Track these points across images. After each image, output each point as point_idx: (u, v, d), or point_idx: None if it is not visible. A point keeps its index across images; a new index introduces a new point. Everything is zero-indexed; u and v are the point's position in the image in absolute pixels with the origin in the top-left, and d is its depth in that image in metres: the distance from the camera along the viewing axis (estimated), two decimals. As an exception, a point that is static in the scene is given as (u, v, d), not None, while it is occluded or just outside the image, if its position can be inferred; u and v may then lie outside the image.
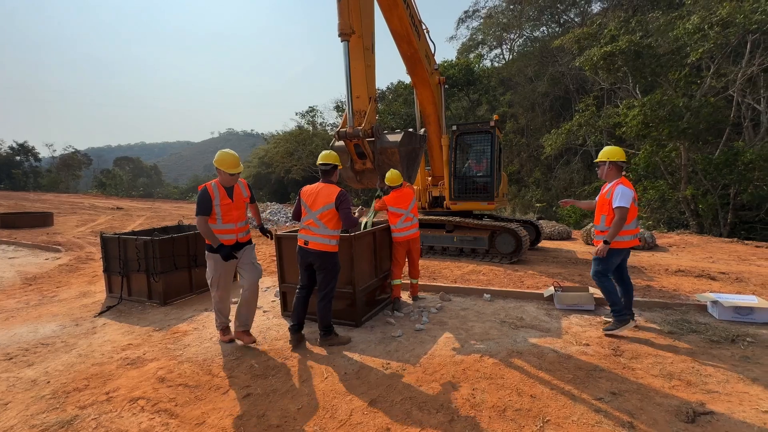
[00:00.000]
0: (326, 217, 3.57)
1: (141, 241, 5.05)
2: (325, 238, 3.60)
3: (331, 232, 3.60)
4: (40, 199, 25.91)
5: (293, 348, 3.68)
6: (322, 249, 3.60)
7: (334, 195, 3.56)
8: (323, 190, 3.63)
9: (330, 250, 3.63)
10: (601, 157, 3.95)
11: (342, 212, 3.56)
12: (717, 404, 2.61)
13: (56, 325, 4.45)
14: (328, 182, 3.70)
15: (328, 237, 3.60)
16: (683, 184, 13.62)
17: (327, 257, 3.63)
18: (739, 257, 7.79)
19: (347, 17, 4.68)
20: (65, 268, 7.33)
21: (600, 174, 4.01)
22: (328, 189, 3.63)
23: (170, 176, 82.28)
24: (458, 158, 8.22)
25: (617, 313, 3.79)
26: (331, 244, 3.62)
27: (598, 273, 3.86)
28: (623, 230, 3.72)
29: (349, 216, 3.57)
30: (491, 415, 2.56)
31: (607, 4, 24.33)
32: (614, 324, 3.80)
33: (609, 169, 3.89)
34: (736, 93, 13.40)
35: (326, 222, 3.57)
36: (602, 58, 13.95)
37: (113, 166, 51.98)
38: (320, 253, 3.61)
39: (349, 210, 3.59)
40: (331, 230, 3.59)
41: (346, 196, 3.59)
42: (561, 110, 23.98)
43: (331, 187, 3.65)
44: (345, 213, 3.56)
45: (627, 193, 3.68)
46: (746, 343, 3.50)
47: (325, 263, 3.64)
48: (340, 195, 3.57)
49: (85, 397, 2.93)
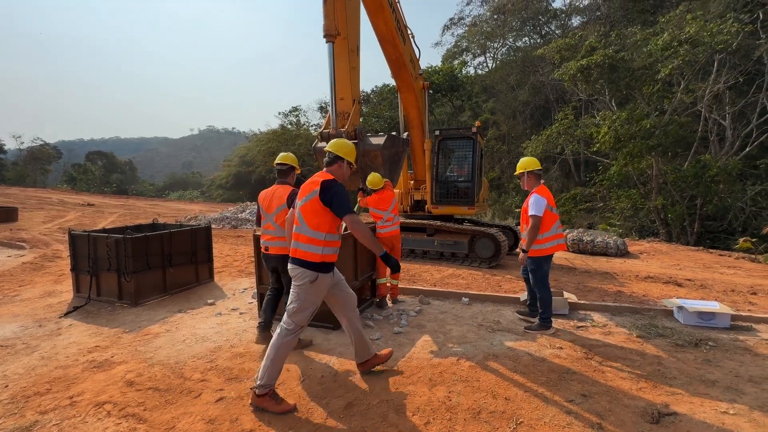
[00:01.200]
0: (281, 219, 3.46)
1: (112, 239, 4.87)
2: (284, 241, 3.43)
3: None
4: (4, 193, 24.61)
5: (258, 341, 3.68)
6: (283, 253, 3.40)
7: (285, 195, 3.50)
8: (277, 191, 3.57)
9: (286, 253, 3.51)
10: (519, 169, 4.18)
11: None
12: (680, 405, 2.73)
13: (17, 326, 4.22)
14: (283, 183, 3.63)
15: (284, 239, 3.43)
16: (654, 194, 14.20)
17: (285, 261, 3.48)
18: (704, 265, 8.17)
19: (333, 19, 4.68)
20: (29, 266, 6.98)
21: (522, 185, 4.24)
22: (282, 190, 3.56)
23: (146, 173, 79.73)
24: (440, 163, 8.32)
25: (544, 320, 4.03)
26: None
27: (540, 284, 4.04)
28: (545, 237, 3.95)
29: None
30: (466, 417, 2.59)
31: (586, 18, 25.21)
32: (537, 326, 4.06)
33: (528, 179, 4.11)
34: (704, 109, 14.11)
35: (282, 224, 3.45)
36: (579, 70, 14.45)
37: (85, 160, 49.85)
38: (281, 257, 3.46)
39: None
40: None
41: (296, 193, 3.40)
42: (541, 119, 24.62)
43: (285, 187, 3.58)
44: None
45: (540, 202, 3.89)
46: (708, 347, 3.67)
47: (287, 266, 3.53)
48: (291, 194, 3.48)
49: (46, 402, 2.79)
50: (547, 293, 4.03)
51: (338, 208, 2.67)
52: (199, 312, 4.71)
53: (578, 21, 26.20)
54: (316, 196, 2.68)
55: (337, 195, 2.65)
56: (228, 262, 7.55)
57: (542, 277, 4.02)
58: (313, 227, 2.71)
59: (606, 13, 23.26)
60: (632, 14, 21.16)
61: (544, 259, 4.02)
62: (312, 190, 2.71)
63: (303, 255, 2.72)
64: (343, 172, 2.88)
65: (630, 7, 21.60)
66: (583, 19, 25.68)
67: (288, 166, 3.66)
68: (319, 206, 2.68)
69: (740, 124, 14.43)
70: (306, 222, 2.73)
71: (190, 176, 60.12)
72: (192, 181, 54.24)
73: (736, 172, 12.75)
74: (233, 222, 13.65)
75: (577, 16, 26.47)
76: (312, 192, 2.71)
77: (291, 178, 3.69)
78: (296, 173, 3.80)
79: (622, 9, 22.06)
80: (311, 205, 2.71)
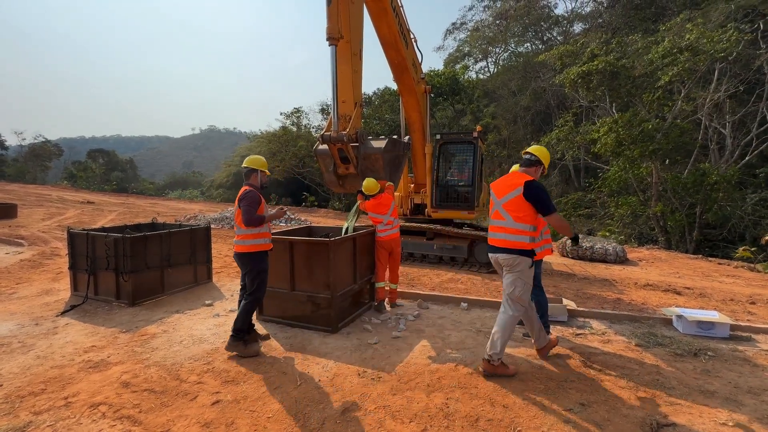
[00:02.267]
0: (238, 218, 3.60)
1: (111, 239, 4.86)
2: (239, 239, 3.61)
3: (243, 231, 3.59)
4: (4, 189, 24.57)
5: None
6: (238, 250, 3.60)
7: (239, 194, 3.61)
8: (240, 193, 3.67)
9: (245, 251, 3.59)
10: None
11: (242, 208, 3.53)
12: (679, 416, 2.71)
13: (13, 324, 4.20)
14: (246, 184, 3.72)
15: (242, 237, 3.60)
16: (654, 201, 14.20)
17: (244, 259, 3.60)
18: (703, 273, 8.16)
19: (336, 22, 4.68)
20: (27, 263, 6.96)
21: None
22: (241, 190, 3.66)
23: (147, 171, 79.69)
24: (441, 167, 8.32)
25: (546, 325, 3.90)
26: (246, 245, 3.58)
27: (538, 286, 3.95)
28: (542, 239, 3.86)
29: (247, 211, 3.50)
30: (464, 425, 2.57)
31: (588, 25, 25.30)
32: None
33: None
34: (704, 117, 14.14)
35: (238, 222, 3.60)
36: (580, 76, 14.48)
37: (86, 158, 49.82)
38: (238, 255, 3.62)
39: (249, 206, 3.51)
40: (244, 230, 3.58)
41: (248, 193, 3.57)
42: (542, 124, 24.67)
43: (244, 187, 3.67)
44: (244, 208, 3.51)
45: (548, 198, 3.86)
46: (707, 357, 3.65)
47: (245, 264, 3.62)
48: (243, 193, 3.58)
49: (41, 402, 2.77)
50: (541, 298, 3.92)
51: (542, 205, 3.10)
52: (196, 313, 4.69)
53: (580, 28, 26.31)
54: (520, 193, 3.11)
55: (541, 193, 3.11)
56: (227, 262, 7.53)
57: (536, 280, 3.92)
58: (518, 221, 3.12)
59: (608, 21, 23.36)
60: (634, 22, 21.25)
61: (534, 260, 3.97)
62: (516, 187, 3.13)
63: (515, 245, 3.13)
64: (537, 175, 3.36)
65: (632, 15, 21.69)
66: (584, 26, 25.77)
67: (248, 168, 3.73)
68: (522, 202, 3.11)
69: (740, 132, 14.45)
70: (511, 216, 3.14)
71: (191, 176, 60.09)
72: (192, 181, 54.22)
73: (735, 181, 12.77)
74: (233, 222, 13.64)
75: (579, 22, 26.58)
76: (516, 189, 3.13)
77: (253, 179, 3.73)
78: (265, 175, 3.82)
79: (623, 17, 22.15)
80: (515, 201, 3.13)
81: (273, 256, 4.25)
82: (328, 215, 19.84)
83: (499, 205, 3.27)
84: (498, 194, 3.31)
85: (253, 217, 3.51)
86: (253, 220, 3.51)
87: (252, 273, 3.61)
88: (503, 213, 3.22)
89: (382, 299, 4.89)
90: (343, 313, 4.30)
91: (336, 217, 18.74)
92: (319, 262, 4.04)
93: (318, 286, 4.08)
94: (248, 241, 3.59)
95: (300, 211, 20.94)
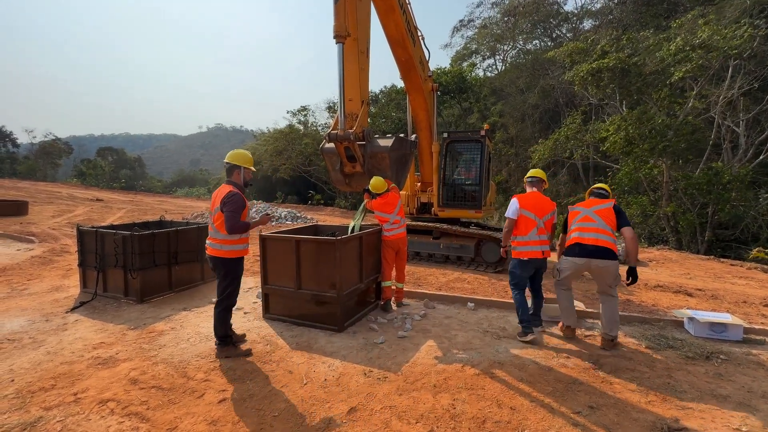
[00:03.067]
0: (217, 221, 3.36)
1: (120, 236, 4.90)
2: (216, 243, 3.38)
3: (222, 236, 3.36)
4: (16, 186, 25.00)
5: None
6: (213, 254, 3.39)
7: (222, 195, 3.33)
8: (220, 191, 3.43)
9: (221, 255, 3.37)
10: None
11: (225, 213, 3.25)
12: (691, 420, 2.66)
13: (25, 320, 4.26)
14: (228, 182, 3.48)
15: (219, 242, 3.37)
16: (664, 200, 13.99)
17: (219, 264, 3.39)
18: (715, 274, 8.02)
19: (343, 19, 4.66)
20: (38, 260, 7.06)
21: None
22: (223, 190, 3.40)
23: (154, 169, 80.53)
24: (448, 166, 8.26)
25: (523, 323, 3.94)
26: (223, 250, 3.37)
27: (512, 285, 4.11)
28: (521, 240, 4.00)
29: (231, 218, 3.24)
30: (471, 426, 2.55)
31: (598, 21, 24.96)
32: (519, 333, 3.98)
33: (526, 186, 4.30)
34: (717, 115, 13.88)
35: (218, 226, 3.36)
36: (590, 74, 14.28)
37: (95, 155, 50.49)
38: (212, 258, 3.41)
39: (234, 212, 3.25)
40: (222, 234, 3.35)
41: (233, 197, 3.30)
42: (550, 122, 24.42)
43: (226, 187, 3.40)
44: (228, 214, 3.24)
45: (511, 204, 4.04)
46: (720, 361, 3.58)
47: (219, 270, 3.41)
48: (227, 195, 3.29)
49: (51, 398, 2.80)
50: (519, 297, 3.99)
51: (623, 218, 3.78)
52: (203, 310, 4.71)
53: (590, 24, 25.95)
54: (611, 206, 3.80)
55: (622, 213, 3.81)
56: (233, 260, 7.56)
57: (512, 279, 4.07)
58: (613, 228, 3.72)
59: (618, 17, 23.01)
60: (645, 18, 20.90)
61: (519, 263, 4.01)
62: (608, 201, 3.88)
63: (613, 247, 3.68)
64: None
65: (643, 12, 21.34)
66: (594, 23, 25.42)
67: (230, 165, 3.49)
68: (612, 213, 3.77)
69: (754, 131, 14.15)
70: (608, 224, 3.73)
71: (198, 173, 60.57)
72: (199, 179, 54.65)
73: (749, 180, 12.52)
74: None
75: (588, 19, 26.20)
76: (609, 202, 3.85)
77: (235, 176, 3.50)
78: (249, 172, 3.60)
79: (634, 13, 21.80)
80: (608, 211, 3.77)
81: (279, 255, 4.26)
82: (334, 213, 19.87)
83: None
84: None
85: (237, 225, 3.26)
86: (237, 227, 3.26)
87: (227, 279, 3.42)
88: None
89: (388, 298, 4.87)
90: (349, 312, 4.29)
91: (342, 216, 18.76)
92: (326, 261, 4.04)
93: (324, 285, 4.07)
94: (227, 246, 3.38)
95: (306, 209, 21.00)
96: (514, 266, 4.07)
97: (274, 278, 4.34)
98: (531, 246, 3.99)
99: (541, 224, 4.00)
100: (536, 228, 3.99)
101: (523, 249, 4.00)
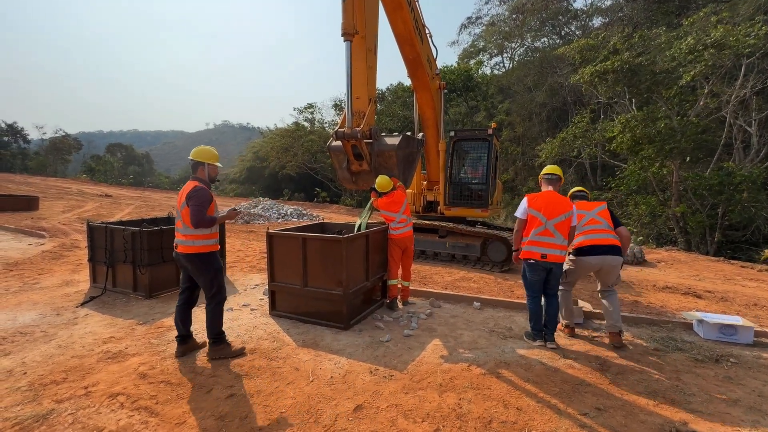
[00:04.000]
0: (185, 217, 3.32)
1: (129, 232, 4.95)
2: (187, 239, 3.33)
3: (190, 231, 3.32)
4: (27, 181, 25.36)
5: (176, 356, 3.43)
6: (186, 251, 3.33)
7: (187, 191, 3.33)
8: (185, 187, 3.40)
9: (194, 251, 3.33)
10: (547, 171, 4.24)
11: (191, 207, 3.23)
12: (699, 424, 2.63)
13: (36, 314, 4.33)
14: (193, 179, 3.44)
15: (190, 237, 3.32)
16: (674, 201, 13.82)
17: (194, 260, 3.33)
18: (725, 276, 7.91)
19: (351, 17, 4.65)
20: (49, 254, 7.16)
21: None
22: (188, 186, 3.38)
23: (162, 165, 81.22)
24: (455, 164, 8.23)
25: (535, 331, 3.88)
26: (195, 245, 3.32)
27: (525, 290, 4.01)
28: (525, 240, 3.91)
29: (197, 212, 3.21)
30: (477, 426, 2.55)
31: (608, 19, 24.64)
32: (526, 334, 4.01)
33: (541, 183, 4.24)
34: (729, 115, 13.66)
35: (187, 222, 3.32)
36: (596, 75, 14.08)
37: (105, 152, 51.07)
38: (186, 256, 3.34)
39: (199, 206, 3.22)
40: (190, 230, 3.31)
41: (198, 191, 3.27)
42: (558, 121, 24.21)
43: (192, 183, 3.39)
44: (193, 209, 3.22)
45: (521, 205, 4.00)
46: (729, 364, 3.54)
47: (195, 267, 3.35)
48: (192, 190, 3.28)
49: (62, 391, 2.85)
50: (532, 306, 3.88)
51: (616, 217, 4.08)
52: (211, 306, 4.74)
53: (600, 22, 25.64)
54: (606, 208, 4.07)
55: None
56: (240, 257, 7.62)
57: (525, 284, 3.97)
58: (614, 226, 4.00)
59: (629, 15, 22.69)
60: (656, 16, 20.59)
61: (525, 263, 3.89)
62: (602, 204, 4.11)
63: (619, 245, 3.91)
64: None
65: (654, 9, 21.02)
66: (604, 20, 25.11)
67: (194, 162, 3.45)
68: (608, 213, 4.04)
69: (767, 131, 13.92)
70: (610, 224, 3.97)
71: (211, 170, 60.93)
72: (206, 175, 55.03)
73: (761, 181, 12.31)
74: (245, 217, 13.79)
75: (598, 16, 25.89)
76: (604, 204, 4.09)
77: (199, 172, 3.46)
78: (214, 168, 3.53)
79: (645, 10, 21.48)
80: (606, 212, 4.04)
81: (286, 252, 4.28)
82: (339, 211, 19.91)
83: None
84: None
85: (203, 219, 3.23)
86: (203, 221, 3.23)
87: (208, 274, 3.36)
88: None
89: (394, 297, 4.89)
90: (355, 310, 4.30)
91: (347, 214, 18.79)
92: (332, 259, 4.05)
93: (330, 283, 4.09)
94: (198, 241, 3.32)
95: (312, 206, 21.06)
96: (522, 269, 3.99)
97: (280, 275, 4.37)
98: (531, 246, 3.81)
99: (548, 225, 3.74)
100: (542, 228, 3.77)
101: (526, 249, 3.86)
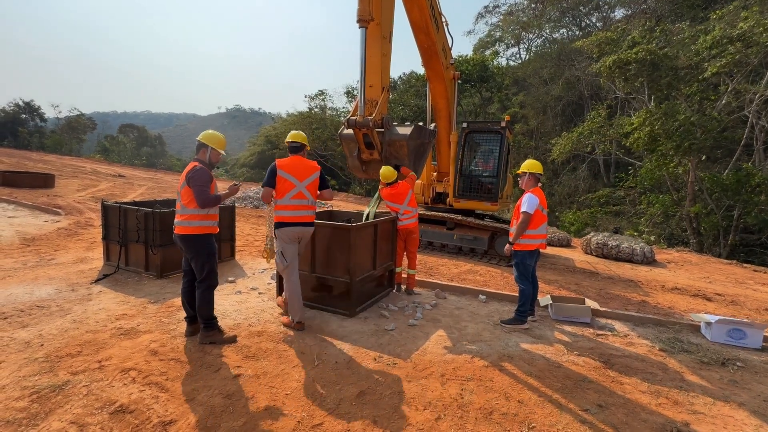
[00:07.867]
0: (185, 198, 3.31)
1: (142, 212, 5.04)
2: (185, 220, 3.31)
3: (190, 211, 3.31)
4: (43, 159, 25.83)
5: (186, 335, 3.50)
6: (183, 233, 3.31)
7: (187, 170, 3.32)
8: (187, 168, 3.37)
9: (191, 233, 3.32)
10: (522, 168, 4.29)
11: (194, 188, 3.24)
12: (701, 426, 2.63)
13: (52, 289, 4.47)
14: (194, 159, 3.43)
15: (187, 218, 3.31)
16: (688, 201, 13.55)
17: (190, 242, 3.32)
18: (737, 280, 7.79)
19: (367, 3, 4.60)
20: (64, 231, 7.34)
21: (520, 184, 4.33)
22: (189, 166, 3.37)
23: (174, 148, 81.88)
24: (466, 156, 8.16)
25: (520, 314, 4.14)
26: (192, 226, 3.32)
27: (521, 278, 4.21)
28: (532, 234, 4.12)
29: (201, 192, 3.22)
30: (477, 416, 2.58)
31: (630, 11, 23.89)
32: (512, 320, 4.17)
33: (528, 179, 4.23)
34: (752, 114, 13.24)
35: (186, 203, 3.31)
36: (617, 65, 13.69)
37: (118, 132, 51.67)
38: (182, 237, 3.33)
39: (203, 186, 3.24)
40: (190, 210, 3.31)
41: (197, 171, 3.28)
42: (573, 116, 23.76)
43: (192, 164, 3.38)
44: (196, 189, 3.23)
45: (533, 201, 4.07)
46: (736, 367, 3.51)
47: (190, 248, 3.33)
48: (191, 170, 3.28)
49: (77, 364, 2.95)
50: (527, 287, 4.16)
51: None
52: (220, 288, 4.83)
53: (622, 14, 24.89)
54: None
55: None
56: (249, 241, 7.72)
57: (524, 271, 4.20)
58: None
59: (652, 7, 21.98)
60: (681, 9, 19.89)
61: (527, 254, 4.17)
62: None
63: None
64: None
65: (679, 2, 20.29)
66: (626, 12, 24.36)
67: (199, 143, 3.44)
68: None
69: (791, 132, 13.49)
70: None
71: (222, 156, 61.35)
72: (217, 159, 55.44)
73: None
74: (255, 202, 13.91)
75: (620, 8, 25.12)
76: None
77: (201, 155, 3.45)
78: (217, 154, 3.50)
79: (670, 3, 20.76)
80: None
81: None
82: (348, 199, 19.95)
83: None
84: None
85: (208, 198, 3.25)
86: (209, 200, 3.26)
87: (201, 257, 3.34)
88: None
89: (399, 283, 5.12)
90: (361, 297, 4.35)
91: (356, 202, 18.82)
92: (340, 247, 4.08)
93: (338, 270, 4.13)
94: (195, 222, 3.31)
95: (321, 193, 21.08)
96: (524, 257, 4.18)
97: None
98: (541, 240, 4.20)
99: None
100: (546, 222, 4.25)
101: (533, 242, 4.17)
